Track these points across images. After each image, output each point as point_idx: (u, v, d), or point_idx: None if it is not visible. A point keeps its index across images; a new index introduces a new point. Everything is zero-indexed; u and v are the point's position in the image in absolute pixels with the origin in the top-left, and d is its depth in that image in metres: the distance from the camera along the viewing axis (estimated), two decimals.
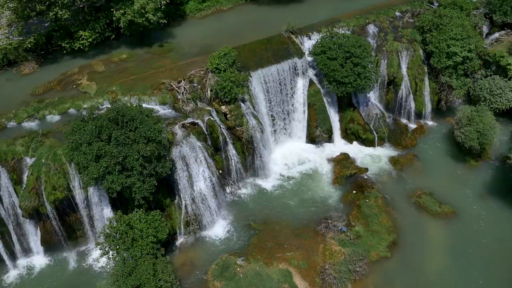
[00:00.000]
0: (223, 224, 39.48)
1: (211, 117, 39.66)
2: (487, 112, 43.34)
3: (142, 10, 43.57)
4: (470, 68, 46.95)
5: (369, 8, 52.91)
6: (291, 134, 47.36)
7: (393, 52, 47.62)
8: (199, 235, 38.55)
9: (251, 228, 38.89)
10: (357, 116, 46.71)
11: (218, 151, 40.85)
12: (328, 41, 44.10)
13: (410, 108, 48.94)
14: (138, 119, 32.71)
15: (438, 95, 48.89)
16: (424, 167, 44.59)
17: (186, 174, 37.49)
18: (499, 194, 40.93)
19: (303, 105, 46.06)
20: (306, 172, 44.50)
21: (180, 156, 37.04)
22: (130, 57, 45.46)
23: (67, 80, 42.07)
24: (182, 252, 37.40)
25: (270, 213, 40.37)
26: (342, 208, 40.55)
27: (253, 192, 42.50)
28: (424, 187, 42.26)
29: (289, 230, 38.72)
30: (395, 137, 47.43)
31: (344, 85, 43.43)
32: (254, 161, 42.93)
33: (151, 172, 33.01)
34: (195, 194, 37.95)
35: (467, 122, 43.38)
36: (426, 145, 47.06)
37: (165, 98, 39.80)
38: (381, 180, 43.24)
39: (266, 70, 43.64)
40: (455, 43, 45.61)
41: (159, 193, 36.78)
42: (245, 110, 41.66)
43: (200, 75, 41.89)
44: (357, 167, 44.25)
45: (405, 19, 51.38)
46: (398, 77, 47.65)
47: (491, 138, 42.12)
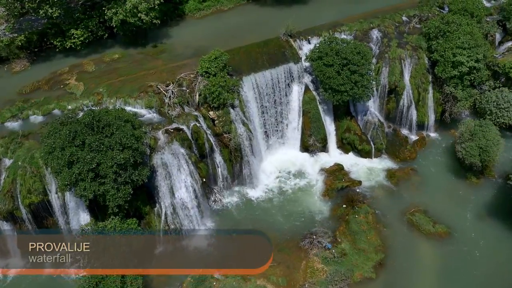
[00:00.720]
0: (204, 235, 38.21)
1: (197, 123, 38.40)
2: (492, 127, 40.83)
3: (134, 9, 42.47)
4: (477, 79, 44.42)
5: (376, 11, 50.71)
6: (285, 142, 45.73)
7: (395, 59, 45.40)
8: (179, 244, 37.40)
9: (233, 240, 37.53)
10: (354, 125, 44.75)
11: (204, 158, 39.60)
12: (325, 46, 42.25)
13: (411, 119, 46.67)
14: (114, 125, 31.65)
15: (442, 106, 46.47)
16: (422, 182, 42.40)
17: (168, 181, 36.33)
18: (499, 216, 38.56)
19: (297, 112, 44.36)
20: (297, 182, 42.88)
21: (162, 163, 35.92)
22: (122, 57, 44.53)
23: (55, 80, 41.40)
24: (161, 261, 36.26)
25: (255, 224, 38.89)
26: (330, 223, 38.83)
27: (240, 201, 41.12)
28: (419, 203, 40.15)
29: (275, 243, 37.16)
30: (393, 149, 45.29)
31: (340, 93, 41.57)
32: (242, 170, 41.52)
33: (126, 180, 31.95)
34: (176, 202, 36.80)
35: (469, 137, 41.00)
36: (426, 159, 44.79)
37: (151, 101, 38.74)
38: (374, 194, 41.28)
39: (259, 75, 42.10)
40: (462, 52, 43.16)
41: (138, 200, 35.77)
42: (234, 117, 40.26)
43: (190, 78, 40.66)
44: (350, 179, 42.39)
45: (411, 24, 49.01)
46: (400, 86, 45.44)
47: (493, 156, 39.64)
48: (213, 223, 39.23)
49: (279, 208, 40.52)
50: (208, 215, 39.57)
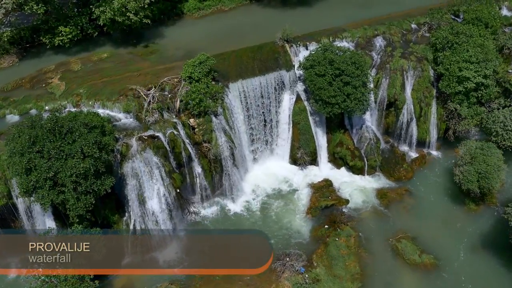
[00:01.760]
0: (175, 247, 36.66)
1: (175, 131, 36.75)
2: (495, 150, 37.33)
3: (123, 8, 41.12)
4: (485, 96, 40.85)
5: (384, 17, 47.52)
6: (274, 153, 43.53)
7: (397, 70, 42.25)
8: (148, 256, 36.00)
9: (204, 256, 35.79)
10: (347, 139, 42.03)
11: (181, 167, 37.93)
12: (319, 54, 39.66)
13: (411, 135, 43.50)
14: (76, 132, 30.35)
15: (445, 123, 43.03)
16: (415, 205, 39.39)
17: (138, 191, 34.90)
18: (495, 249, 35.27)
19: (287, 123, 42.02)
20: (281, 197, 40.71)
21: (132, 171, 34.49)
22: (111, 57, 43.36)
23: (39, 78, 40.65)
24: (126, 273, 34.97)
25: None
26: (308, 244, 36.54)
27: (218, 214, 39.35)
28: (409, 229, 37.26)
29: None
30: (388, 167, 42.32)
31: (330, 106, 39.00)
32: (222, 181, 39.65)
33: (87, 189, 30.68)
34: (146, 212, 35.36)
35: (468, 160, 37.66)
36: (423, 179, 41.63)
37: (130, 105, 37.34)
38: (361, 215, 38.63)
39: (247, 82, 40.01)
40: (469, 66, 39.67)
41: (106, 209, 34.68)
42: (216, 125, 38.41)
43: (173, 83, 39.01)
44: (337, 197, 39.83)
45: (420, 32, 45.56)
46: (400, 99, 42.30)
47: (493, 183, 36.20)
48: (186, 235, 37.52)
49: (258, 223, 38.53)
50: (183, 227, 37.97)
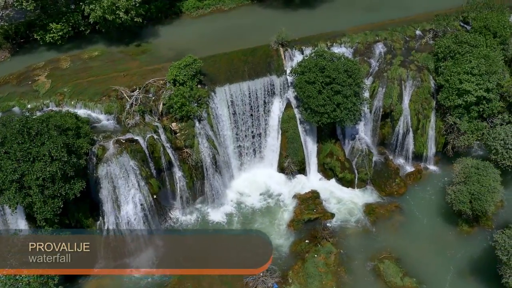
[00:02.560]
0: (150, 254, 35.80)
1: (155, 135, 35.77)
2: (491, 170, 34.93)
3: (113, 6, 40.31)
4: (487, 111, 38.32)
5: (388, 22, 45.16)
6: (262, 160, 42.11)
7: (394, 79, 40.14)
8: (121, 262, 35.25)
9: (177, 266, 34.74)
10: (337, 150, 40.23)
11: (161, 172, 36.98)
12: (311, 60, 37.98)
13: (408, 148, 41.31)
14: (45, 134, 29.70)
15: (444, 137, 40.66)
16: (404, 223, 37.37)
17: (113, 195, 34.13)
18: (484, 275, 33.03)
19: (277, 130, 40.54)
20: (265, 206, 39.36)
21: (107, 175, 33.70)
22: (101, 55, 42.59)
23: (27, 75, 40.12)
24: (97, 278, 34.36)
25: (203, 248, 35.74)
26: (286, 259, 35.08)
27: (198, 222, 38.32)
28: (394, 249, 35.33)
29: (217, 273, 34.12)
30: (380, 181, 40.32)
31: (319, 115, 37.31)
32: (203, 188, 38.54)
33: (55, 193, 30.05)
34: (121, 218, 34.57)
35: (462, 179, 35.37)
36: (416, 196, 39.50)
37: (111, 107, 36.56)
38: (346, 231, 36.89)
39: (235, 87, 38.70)
40: (470, 78, 37.29)
41: (80, 212, 34.04)
42: (198, 130, 37.27)
43: (159, 85, 38.05)
44: (322, 210, 38.17)
45: (424, 39, 43.15)
46: (397, 110, 40.18)
47: (486, 206, 33.84)
48: (163, 242, 36.61)
49: None
50: (160, 234, 37.00)
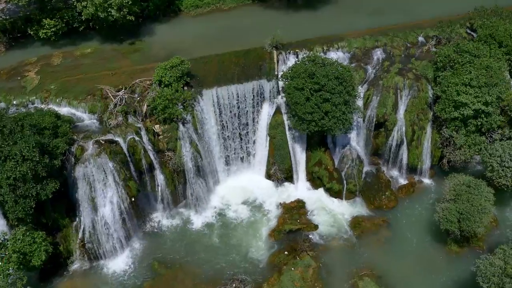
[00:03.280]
0: (127, 257, 35.45)
1: (136, 136, 35.15)
2: (484, 189, 33.01)
3: (105, 4, 39.85)
4: (485, 125, 36.22)
5: (391, 27, 43.29)
6: (250, 166, 41.10)
7: (390, 88, 38.44)
8: (96, 263, 34.97)
9: (152, 270, 34.28)
10: (326, 159, 38.81)
11: (142, 175, 36.38)
12: (302, 65, 36.65)
13: (401, 160, 39.57)
14: (18, 133, 29.44)
15: (441, 150, 38.76)
16: (390, 239, 35.82)
17: (90, 196, 33.73)
18: None
19: (265, 136, 39.41)
20: (248, 214, 38.38)
21: (84, 176, 33.30)
22: (93, 53, 42.30)
23: (17, 70, 40.22)
24: (71, 279, 34.25)
25: (184, 255, 35.40)
26: (262, 269, 34.08)
27: (178, 226, 37.63)
28: (377, 265, 33.89)
29: (191, 281, 33.60)
30: (369, 193, 38.77)
31: (306, 123, 35.98)
32: (186, 192, 37.81)
33: (26, 193, 29.80)
34: (97, 219, 34.18)
35: (452, 196, 33.55)
36: (406, 210, 37.84)
37: (95, 106, 36.18)
38: (328, 244, 35.60)
39: (223, 90, 37.70)
40: (468, 90, 35.35)
41: (56, 212, 33.79)
42: (182, 133, 36.50)
43: (145, 85, 37.46)
44: (306, 221, 36.95)
45: (426, 47, 41.21)
46: (390, 120, 38.50)
47: (475, 226, 31.97)
48: (140, 246, 36.12)
49: (217, 241, 36.51)
50: (139, 237, 36.64)
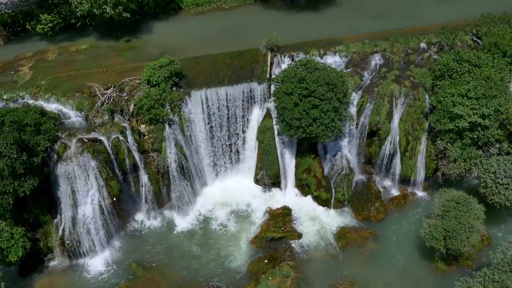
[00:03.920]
0: (106, 256, 35.29)
1: (120, 136, 34.86)
2: (474, 206, 31.49)
3: (100, 0, 39.65)
4: (482, 139, 34.53)
5: (393, 31, 41.75)
6: (239, 170, 40.39)
7: (385, 95, 37.09)
8: (76, 261, 34.95)
9: (130, 271, 34.04)
10: (316, 166, 37.75)
11: (127, 175, 36.11)
12: (293, 69, 35.69)
13: (394, 170, 38.23)
14: None
15: (435, 162, 37.24)
16: (376, 253, 34.59)
17: (71, 194, 33.66)
18: None
19: (255, 140, 38.60)
20: (234, 219, 37.75)
21: (66, 174, 33.22)
22: (88, 49, 42.23)
23: (12, 65, 40.45)
24: (50, 275, 34.28)
25: (163, 258, 35.02)
26: (240, 277, 33.41)
27: (162, 228, 37.28)
28: (359, 280, 32.79)
29: (167, 285, 33.15)
30: (358, 203, 37.60)
31: (294, 129, 35.02)
32: (170, 194, 37.40)
33: (3, 190, 29.89)
34: (78, 217, 34.11)
35: (440, 212, 32.12)
36: (395, 223, 36.53)
37: (83, 104, 36.05)
38: (310, 254, 34.66)
39: (212, 91, 37.05)
40: (464, 102, 33.77)
41: (37, 208, 33.87)
42: (168, 134, 36.06)
43: (134, 84, 37.12)
44: (290, 229, 36.05)
45: (428, 53, 39.60)
46: (384, 129, 37.17)
47: (460, 245, 30.49)
48: (121, 246, 35.93)
49: (199, 245, 36.01)
50: (120, 237, 36.44)
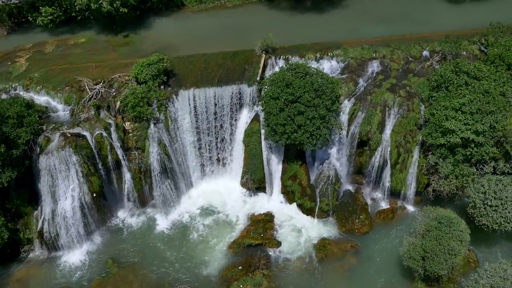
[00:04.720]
0: (84, 251, 35.38)
1: (104, 132, 34.82)
2: (458, 227, 29.78)
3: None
4: (476, 156, 32.65)
5: (397, 37, 40.20)
6: (226, 172, 39.80)
7: (378, 104, 35.65)
8: (54, 254, 35.22)
9: (105, 268, 34.05)
10: (302, 173, 36.69)
11: (110, 171, 36.09)
12: (282, 73, 34.72)
13: (384, 183, 36.77)
14: None
15: (427, 176, 35.57)
16: (355, 267, 33.36)
17: (51, 188, 33.89)
18: None
19: (242, 143, 37.88)
20: (215, 221, 37.27)
21: (46, 167, 33.45)
22: (86, 43, 42.54)
23: (10, 55, 41.12)
24: (28, 266, 34.64)
25: (139, 256, 34.95)
26: (213, 282, 32.89)
27: (142, 227, 37.12)
28: None
29: (138, 285, 32.91)
30: (342, 214, 36.35)
31: (278, 134, 34.09)
32: (152, 193, 37.18)
33: None
34: (57, 211, 34.32)
35: (421, 231, 30.59)
36: (379, 237, 35.14)
37: (71, 98, 36.25)
38: (287, 264, 33.76)
39: (200, 92, 36.55)
40: (457, 116, 32.03)
41: (19, 199, 34.33)
42: (152, 133, 35.79)
43: (123, 80, 37.06)
44: (270, 237, 35.26)
45: (429, 62, 37.85)
46: (374, 139, 35.74)
47: (438, 268, 28.93)
48: (100, 242, 36.00)
49: (177, 245, 35.70)
50: (100, 233, 36.53)
